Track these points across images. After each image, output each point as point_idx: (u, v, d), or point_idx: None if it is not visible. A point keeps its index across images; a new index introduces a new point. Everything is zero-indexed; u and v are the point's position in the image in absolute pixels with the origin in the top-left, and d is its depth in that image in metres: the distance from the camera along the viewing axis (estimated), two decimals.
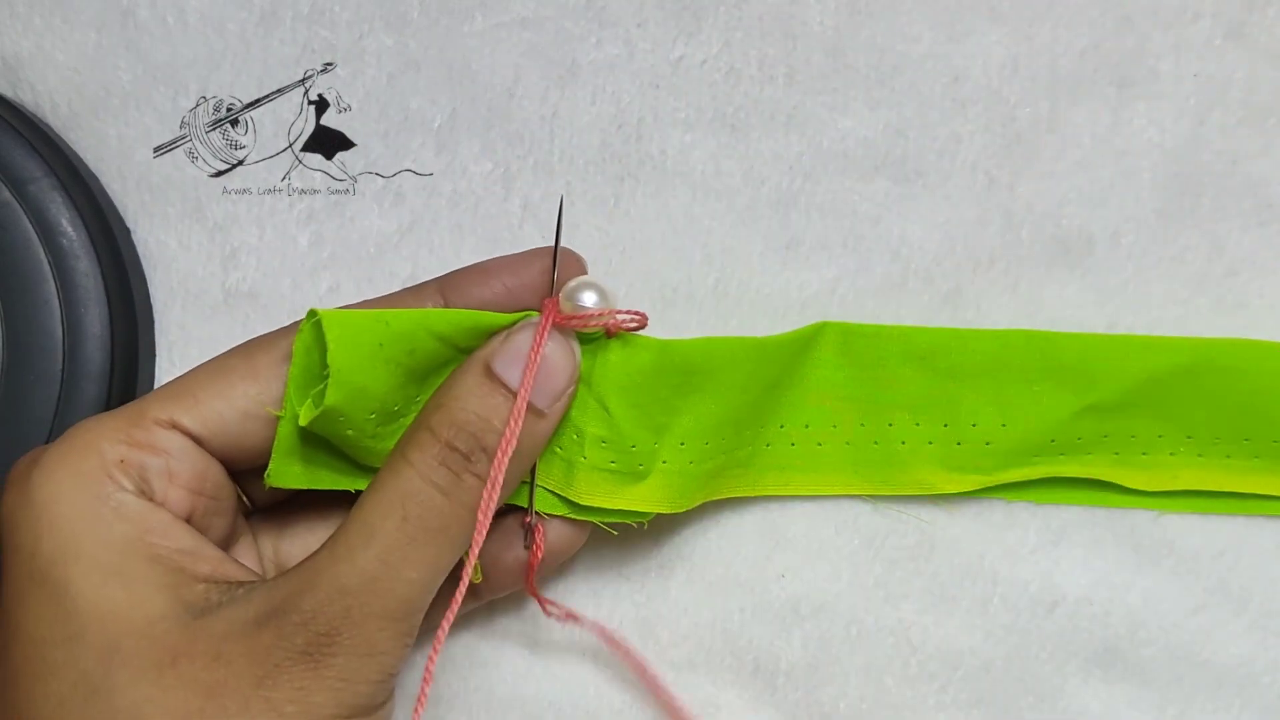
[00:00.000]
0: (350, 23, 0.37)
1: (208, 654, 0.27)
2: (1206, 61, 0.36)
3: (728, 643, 0.36)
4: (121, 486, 0.28)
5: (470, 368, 0.29)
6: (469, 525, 0.29)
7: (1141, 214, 0.36)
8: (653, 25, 0.37)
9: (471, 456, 0.28)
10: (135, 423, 0.29)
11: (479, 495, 0.29)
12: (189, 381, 0.30)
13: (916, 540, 0.36)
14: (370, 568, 0.27)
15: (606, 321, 0.30)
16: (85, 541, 0.27)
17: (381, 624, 0.27)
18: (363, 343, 0.29)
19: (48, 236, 0.35)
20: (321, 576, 0.27)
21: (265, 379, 0.30)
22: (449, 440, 0.28)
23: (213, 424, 0.29)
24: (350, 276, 0.37)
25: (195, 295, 0.37)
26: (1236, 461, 0.35)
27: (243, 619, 0.27)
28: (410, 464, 0.28)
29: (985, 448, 0.35)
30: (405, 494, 0.28)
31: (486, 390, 0.29)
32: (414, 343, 0.30)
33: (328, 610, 0.27)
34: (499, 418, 0.29)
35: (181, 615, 0.27)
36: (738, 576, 0.36)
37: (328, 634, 0.27)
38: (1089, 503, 0.36)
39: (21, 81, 0.37)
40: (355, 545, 0.27)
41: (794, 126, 0.37)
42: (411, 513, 0.28)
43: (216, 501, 0.30)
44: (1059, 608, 0.36)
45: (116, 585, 0.27)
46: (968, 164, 0.36)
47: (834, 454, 0.35)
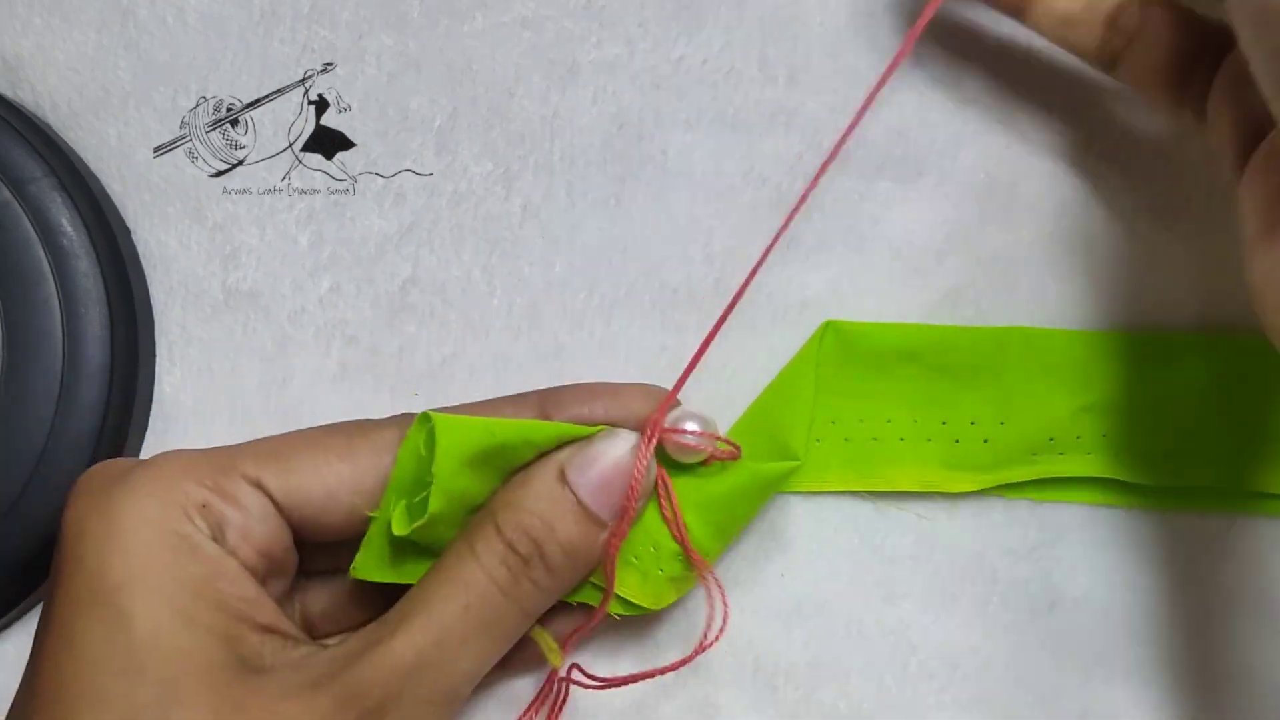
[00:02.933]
0: (350, 23, 0.37)
1: (264, 711, 0.27)
2: None
3: (727, 642, 0.36)
4: (199, 528, 0.28)
5: (544, 467, 0.29)
6: (520, 625, 0.29)
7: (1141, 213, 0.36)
8: (653, 25, 0.37)
9: (530, 563, 0.29)
10: (224, 472, 0.29)
11: (534, 600, 0.29)
12: (283, 445, 0.30)
13: (916, 540, 0.36)
14: (428, 651, 0.27)
15: (708, 450, 0.31)
16: (157, 574, 0.27)
17: (428, 710, 0.28)
18: (467, 449, 0.29)
19: (48, 236, 0.35)
20: (380, 650, 0.27)
21: (360, 465, 0.30)
22: (511, 541, 0.29)
23: (297, 495, 0.29)
24: (350, 276, 0.37)
25: (195, 295, 0.37)
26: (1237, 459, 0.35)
27: (298, 681, 0.27)
28: (476, 556, 0.28)
29: (984, 446, 0.35)
30: (469, 584, 0.28)
31: (556, 496, 0.29)
32: (515, 453, 0.30)
33: (383, 686, 0.27)
34: (562, 525, 0.29)
35: (239, 666, 0.27)
36: (737, 576, 0.36)
37: (376, 710, 0.27)
38: (1089, 501, 0.36)
39: (21, 81, 0.37)
40: (415, 624, 0.28)
41: (794, 126, 0.37)
42: (473, 603, 0.28)
43: (281, 566, 0.30)
44: (1058, 607, 0.36)
45: (180, 625, 0.27)
46: (968, 164, 0.36)
47: (832, 450, 0.35)
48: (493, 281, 0.37)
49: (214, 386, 0.37)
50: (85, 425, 0.34)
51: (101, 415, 0.34)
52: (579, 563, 0.30)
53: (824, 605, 0.36)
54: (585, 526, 0.29)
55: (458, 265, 0.37)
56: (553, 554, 0.29)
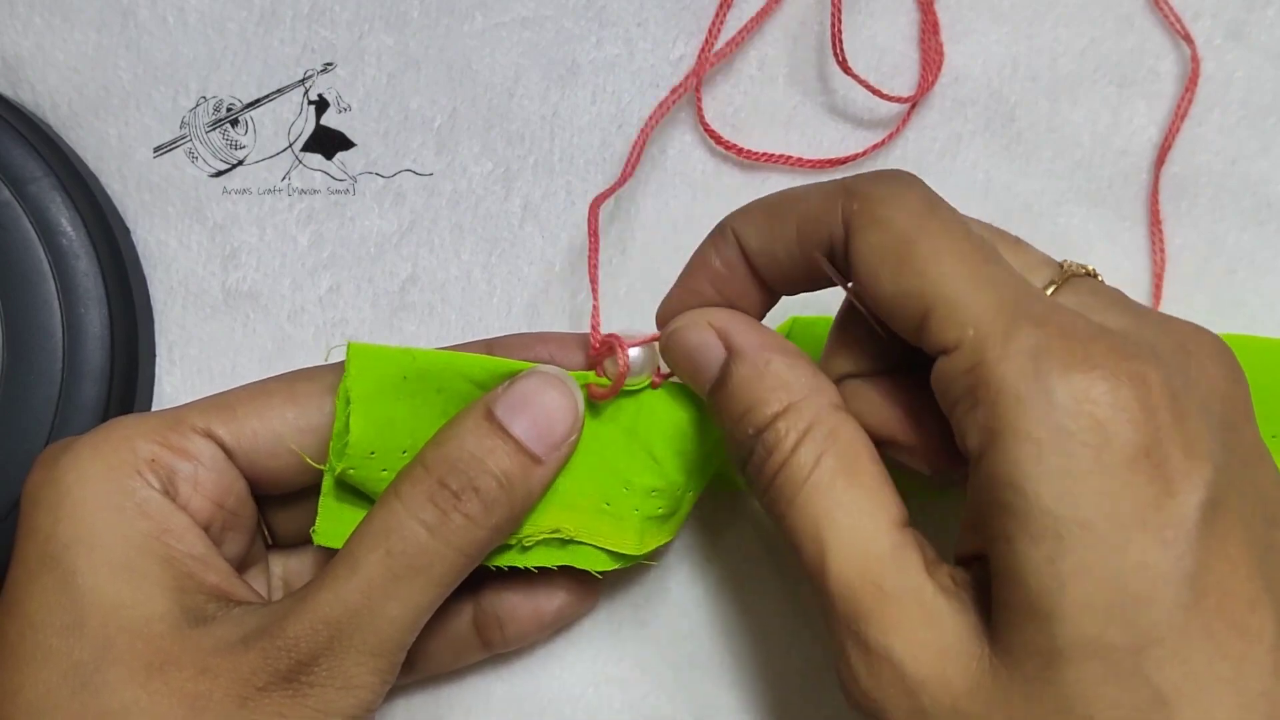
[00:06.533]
0: (350, 23, 0.37)
1: (195, 665, 0.27)
2: (1206, 61, 0.37)
3: (728, 643, 0.36)
4: (148, 484, 0.28)
5: (472, 409, 0.29)
6: (454, 565, 0.28)
7: (1140, 214, 0.36)
8: (653, 25, 0.37)
9: (462, 495, 0.28)
10: (172, 426, 0.29)
11: (467, 536, 0.28)
12: (229, 396, 0.30)
13: None
14: (353, 600, 0.27)
15: (650, 369, 0.31)
16: (102, 532, 0.28)
17: (361, 658, 0.28)
18: (386, 374, 0.29)
19: (48, 236, 0.35)
20: (307, 604, 0.27)
21: (304, 405, 0.30)
22: (441, 477, 0.28)
23: (245, 440, 0.30)
24: (350, 276, 0.37)
25: (195, 295, 0.37)
26: None
27: (232, 636, 0.27)
28: (399, 498, 0.28)
29: None
30: (390, 528, 0.28)
31: (485, 432, 0.29)
32: (442, 381, 0.30)
33: (310, 638, 0.27)
34: (494, 459, 0.29)
35: (179, 620, 0.27)
36: (737, 575, 0.36)
37: (308, 662, 0.27)
38: None
39: (21, 81, 0.37)
40: (340, 576, 0.28)
41: (794, 126, 0.37)
42: (395, 548, 0.28)
43: (236, 517, 0.30)
44: None
45: (124, 580, 0.27)
46: (968, 164, 0.36)
47: None
48: (492, 281, 0.37)
49: (214, 386, 0.37)
50: (85, 425, 0.34)
51: (101, 415, 0.34)
52: (517, 497, 0.29)
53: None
54: (519, 459, 0.29)
55: (457, 265, 0.37)
56: (486, 485, 0.28)
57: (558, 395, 0.30)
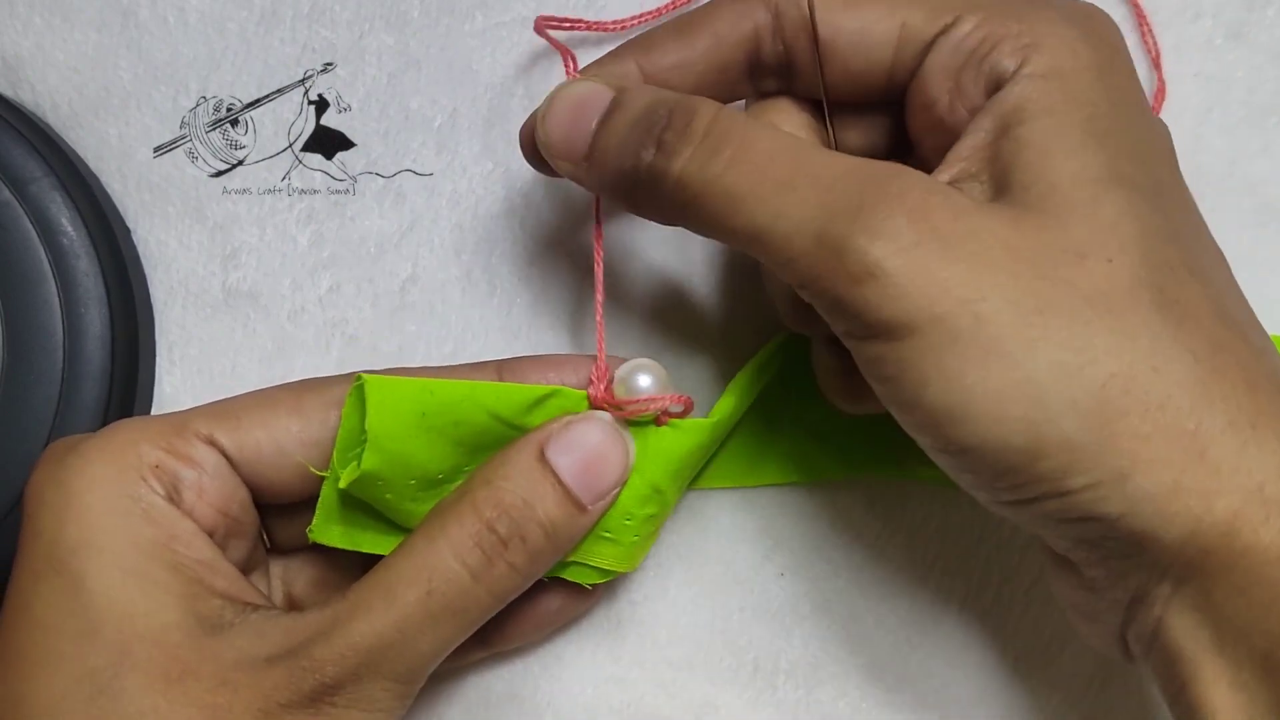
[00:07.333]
0: (350, 22, 0.37)
1: (216, 678, 0.27)
2: (1206, 61, 0.36)
3: (727, 642, 0.36)
4: (153, 489, 0.28)
5: (525, 447, 0.29)
6: (489, 609, 0.29)
7: None
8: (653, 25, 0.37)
9: (510, 544, 0.28)
10: (177, 432, 0.29)
11: (508, 584, 0.29)
12: (234, 404, 0.30)
13: (914, 538, 0.36)
14: (387, 634, 0.27)
15: (659, 407, 0.30)
16: (110, 537, 0.27)
17: (387, 684, 0.28)
18: (404, 410, 0.29)
19: (48, 236, 0.35)
20: (337, 629, 0.27)
21: (308, 418, 0.30)
22: (490, 521, 0.28)
23: (249, 450, 0.30)
24: (350, 276, 0.37)
25: (195, 295, 0.37)
26: None
27: (253, 650, 0.27)
28: (446, 536, 0.28)
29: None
30: (433, 567, 0.28)
31: (537, 476, 0.29)
32: (459, 414, 0.29)
33: (337, 664, 0.27)
34: (543, 507, 0.29)
35: (193, 628, 0.27)
36: (737, 575, 0.36)
37: (334, 686, 0.27)
38: None
39: (21, 81, 0.37)
40: (375, 609, 0.28)
41: None
42: (436, 588, 0.28)
43: (239, 524, 0.30)
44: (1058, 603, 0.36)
45: (134, 587, 0.27)
46: None
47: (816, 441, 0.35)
48: (493, 281, 0.37)
49: (214, 386, 0.37)
50: (85, 425, 0.34)
51: (101, 415, 0.34)
52: (559, 546, 0.29)
53: (824, 605, 0.36)
54: (566, 508, 0.29)
55: (457, 265, 0.37)
56: (533, 535, 0.29)
57: (611, 444, 0.30)
